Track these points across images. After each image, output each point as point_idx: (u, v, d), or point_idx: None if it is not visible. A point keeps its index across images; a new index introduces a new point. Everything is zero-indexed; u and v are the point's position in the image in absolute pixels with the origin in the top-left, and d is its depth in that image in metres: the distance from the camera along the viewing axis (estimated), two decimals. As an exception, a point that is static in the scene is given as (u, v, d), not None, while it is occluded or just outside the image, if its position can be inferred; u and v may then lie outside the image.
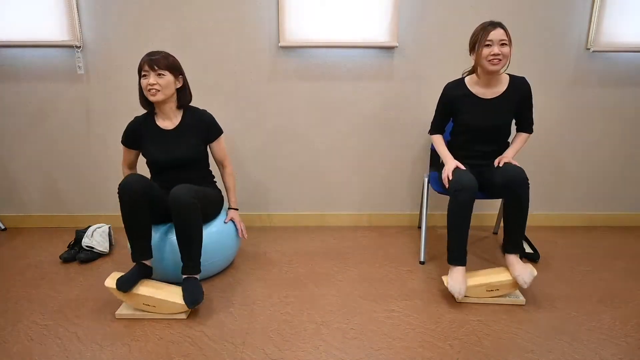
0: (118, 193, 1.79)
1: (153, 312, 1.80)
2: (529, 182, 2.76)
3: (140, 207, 1.80)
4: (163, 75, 1.93)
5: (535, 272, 1.87)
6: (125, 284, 1.75)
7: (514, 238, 1.94)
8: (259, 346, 1.62)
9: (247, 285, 2.07)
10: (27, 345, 1.63)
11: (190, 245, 1.84)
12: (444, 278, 1.96)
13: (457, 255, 1.91)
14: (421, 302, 1.92)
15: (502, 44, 1.92)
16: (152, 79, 1.91)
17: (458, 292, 1.85)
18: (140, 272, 1.82)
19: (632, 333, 1.70)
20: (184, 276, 1.84)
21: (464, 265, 1.91)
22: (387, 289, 2.04)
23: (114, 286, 1.76)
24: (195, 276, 1.85)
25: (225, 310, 1.86)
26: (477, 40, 1.96)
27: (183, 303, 1.76)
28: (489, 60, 1.94)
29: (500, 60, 1.93)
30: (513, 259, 1.91)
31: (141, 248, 1.84)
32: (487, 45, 1.94)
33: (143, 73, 1.93)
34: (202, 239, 1.91)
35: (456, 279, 1.87)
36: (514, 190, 1.87)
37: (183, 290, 1.79)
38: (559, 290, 2.02)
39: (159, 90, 1.93)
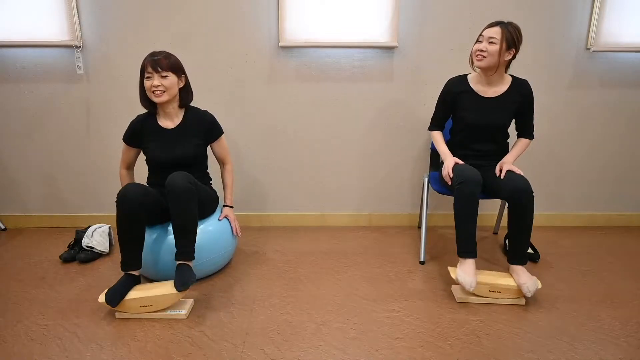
0: (116, 203, 1.80)
1: (152, 312, 1.80)
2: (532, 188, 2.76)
3: (137, 218, 1.80)
4: (167, 76, 1.93)
5: (539, 285, 1.87)
6: (114, 298, 1.75)
7: (519, 249, 1.92)
8: (259, 346, 1.62)
9: (247, 285, 2.07)
10: (27, 345, 1.63)
11: (185, 230, 1.83)
12: (450, 269, 1.95)
13: (466, 247, 1.90)
14: (421, 302, 1.92)
15: (490, 42, 1.93)
16: (156, 80, 1.92)
17: (469, 285, 1.83)
18: (128, 283, 1.82)
19: (632, 333, 1.70)
20: (177, 263, 1.83)
21: (474, 257, 1.90)
22: (387, 289, 2.04)
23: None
24: (188, 263, 1.83)
25: (225, 310, 1.86)
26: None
27: (177, 292, 1.75)
28: (476, 56, 1.98)
29: (484, 57, 1.95)
30: (519, 269, 1.90)
31: (132, 259, 1.84)
32: (479, 40, 1.98)
33: (146, 75, 1.93)
34: (197, 225, 1.89)
35: (467, 271, 1.86)
36: (519, 202, 1.86)
37: (175, 275, 1.78)
38: (559, 290, 2.02)
39: (163, 92, 1.94)
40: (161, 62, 1.91)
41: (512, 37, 1.93)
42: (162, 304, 1.79)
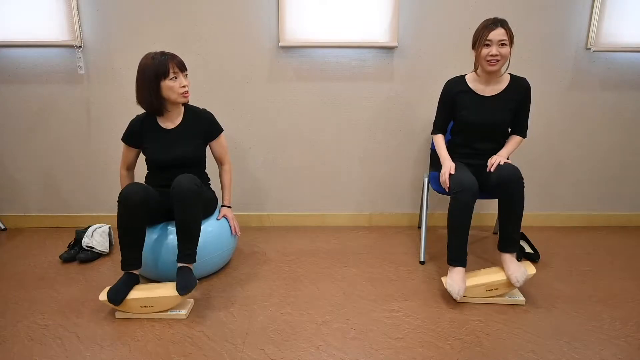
0: (118, 202, 1.80)
1: (152, 312, 1.80)
2: (524, 181, 2.76)
3: (139, 218, 1.81)
4: (187, 74, 1.99)
5: (528, 272, 1.87)
6: (117, 296, 1.75)
7: (508, 237, 1.93)
8: (259, 346, 1.62)
9: (247, 285, 2.07)
10: (27, 345, 1.63)
11: (189, 233, 1.84)
12: (443, 279, 1.96)
13: (456, 256, 1.91)
14: (421, 302, 1.92)
15: (502, 44, 1.93)
16: (185, 80, 1.96)
17: (457, 293, 1.85)
18: (129, 282, 1.82)
19: (632, 333, 1.70)
20: (179, 265, 1.84)
21: (463, 266, 1.91)
22: (387, 289, 2.04)
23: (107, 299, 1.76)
24: (189, 266, 1.84)
25: (225, 310, 1.86)
26: (478, 39, 1.97)
27: (178, 295, 1.75)
28: (487, 61, 1.96)
29: (498, 61, 1.94)
30: (507, 258, 1.91)
31: (132, 258, 1.84)
32: (487, 45, 1.95)
33: (172, 75, 1.91)
34: (201, 228, 1.91)
35: (455, 280, 1.87)
36: (507, 188, 1.87)
37: (177, 278, 1.79)
38: (559, 290, 2.02)
39: (188, 92, 1.99)
40: (183, 62, 1.96)
41: (512, 34, 1.95)
42: (163, 306, 1.79)
